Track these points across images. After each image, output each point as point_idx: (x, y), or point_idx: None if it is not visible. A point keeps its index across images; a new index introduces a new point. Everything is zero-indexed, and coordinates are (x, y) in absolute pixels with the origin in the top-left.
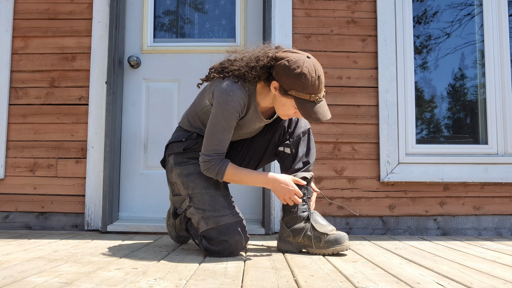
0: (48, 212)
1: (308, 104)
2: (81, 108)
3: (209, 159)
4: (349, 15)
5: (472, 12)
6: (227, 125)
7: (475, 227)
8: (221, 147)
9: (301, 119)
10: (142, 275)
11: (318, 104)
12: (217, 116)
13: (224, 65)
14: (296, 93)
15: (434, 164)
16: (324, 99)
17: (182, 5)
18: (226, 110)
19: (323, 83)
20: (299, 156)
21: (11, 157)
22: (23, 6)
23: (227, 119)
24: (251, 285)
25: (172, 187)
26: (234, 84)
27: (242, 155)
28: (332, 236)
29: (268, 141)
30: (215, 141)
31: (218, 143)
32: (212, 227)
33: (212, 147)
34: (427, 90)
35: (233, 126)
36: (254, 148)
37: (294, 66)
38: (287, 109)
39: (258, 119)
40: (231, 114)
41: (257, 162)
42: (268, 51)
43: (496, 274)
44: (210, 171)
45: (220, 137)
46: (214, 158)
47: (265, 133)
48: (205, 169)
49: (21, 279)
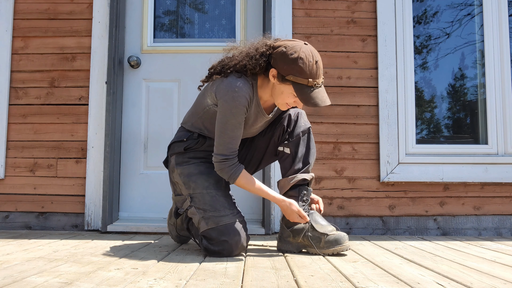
0: (48, 212)
1: (306, 89)
2: (81, 108)
3: (223, 160)
4: (349, 15)
5: (472, 12)
6: (237, 122)
7: (475, 227)
8: (233, 145)
9: (300, 118)
10: (142, 275)
11: (316, 89)
12: (225, 114)
13: (223, 62)
14: (294, 78)
15: (434, 164)
16: (323, 86)
17: (182, 5)
18: (234, 107)
19: (321, 69)
20: (299, 157)
21: (11, 157)
22: (23, 6)
23: (236, 115)
24: (251, 285)
25: (174, 187)
26: (238, 80)
27: (242, 156)
28: (332, 237)
29: (268, 141)
30: (227, 139)
31: (230, 141)
32: (212, 227)
33: (224, 146)
34: (427, 90)
35: (242, 122)
36: (255, 148)
37: (291, 51)
38: (286, 97)
39: (260, 114)
40: (239, 109)
41: (258, 162)
42: (266, 41)
43: (496, 274)
44: (224, 173)
45: (231, 135)
46: (228, 159)
47: (265, 133)
48: (219, 170)
49: (21, 279)
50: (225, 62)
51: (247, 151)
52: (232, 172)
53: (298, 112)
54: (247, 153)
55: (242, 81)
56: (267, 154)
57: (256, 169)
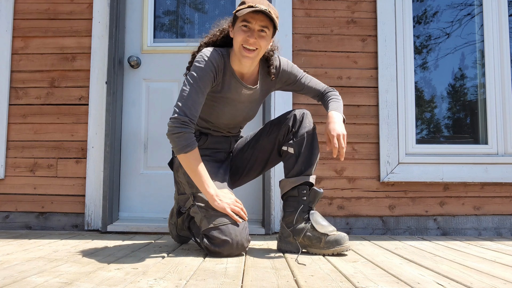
0: (48, 212)
1: (245, 8)
2: (81, 108)
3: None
4: (349, 15)
5: (472, 12)
6: (201, 85)
7: (475, 227)
8: (194, 110)
9: (305, 119)
10: (142, 275)
11: (254, 8)
12: (190, 77)
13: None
14: (237, 12)
15: (434, 164)
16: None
17: (182, 5)
18: (200, 69)
19: (267, 4)
20: (302, 157)
21: (11, 157)
22: (23, 6)
23: (201, 78)
24: (251, 285)
25: (177, 186)
26: (206, 49)
27: (247, 155)
28: (332, 237)
29: (273, 141)
30: (189, 101)
31: (192, 104)
32: (214, 226)
33: (185, 108)
34: (427, 90)
35: (206, 89)
36: (260, 148)
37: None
38: (238, 35)
39: (239, 85)
40: (204, 72)
41: (264, 163)
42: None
43: (496, 274)
44: (181, 138)
45: (194, 98)
46: (189, 124)
47: (270, 133)
48: (176, 133)
49: (21, 279)
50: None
51: (252, 151)
52: (191, 141)
53: (304, 113)
54: (252, 153)
55: (210, 49)
56: (273, 154)
57: (262, 170)
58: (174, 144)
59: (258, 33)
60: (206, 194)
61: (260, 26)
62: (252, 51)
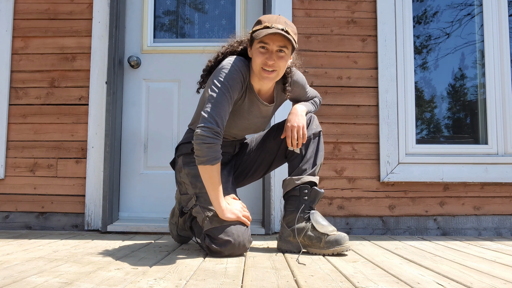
0: (48, 212)
1: (261, 29)
2: (81, 108)
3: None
4: (349, 15)
5: (472, 12)
6: (232, 94)
7: (475, 227)
8: (224, 120)
9: (313, 122)
10: (142, 275)
11: (271, 28)
12: (220, 84)
13: (212, 58)
14: (254, 33)
15: (434, 164)
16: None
17: (182, 5)
18: (230, 78)
19: (284, 21)
20: (307, 157)
21: (11, 157)
22: (23, 6)
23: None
24: (251, 285)
25: (179, 187)
26: (234, 57)
27: (254, 158)
28: (332, 237)
29: (279, 143)
30: (221, 111)
31: (224, 113)
32: (216, 226)
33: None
34: (427, 90)
35: (234, 99)
36: (267, 151)
37: (258, 20)
38: (257, 57)
39: (255, 100)
40: (235, 82)
41: (269, 164)
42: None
43: (496, 274)
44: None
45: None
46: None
47: (277, 135)
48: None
49: (21, 279)
50: (215, 56)
51: (258, 153)
52: (220, 154)
53: (311, 116)
54: (258, 154)
55: (238, 58)
56: (278, 156)
57: (267, 171)
58: (203, 154)
59: (276, 54)
60: (217, 208)
61: (278, 47)
62: (272, 72)
